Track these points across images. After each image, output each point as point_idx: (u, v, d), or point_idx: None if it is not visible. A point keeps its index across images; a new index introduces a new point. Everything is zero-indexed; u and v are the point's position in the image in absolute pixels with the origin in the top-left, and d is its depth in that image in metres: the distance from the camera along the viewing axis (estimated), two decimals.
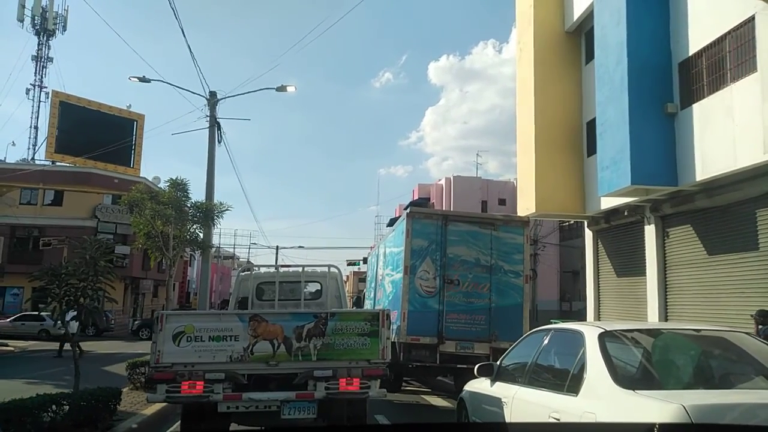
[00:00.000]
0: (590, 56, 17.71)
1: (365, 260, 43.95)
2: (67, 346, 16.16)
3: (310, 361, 5.90)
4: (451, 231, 11.08)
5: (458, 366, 10.45)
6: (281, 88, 14.64)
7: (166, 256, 10.58)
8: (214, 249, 67.84)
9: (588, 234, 19.09)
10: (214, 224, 11.50)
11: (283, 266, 10.49)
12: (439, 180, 44.55)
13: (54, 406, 5.44)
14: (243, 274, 10.05)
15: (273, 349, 5.89)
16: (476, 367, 5.84)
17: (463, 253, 10.97)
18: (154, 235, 10.28)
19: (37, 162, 40.67)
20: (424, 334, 10.51)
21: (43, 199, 36.56)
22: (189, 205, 10.95)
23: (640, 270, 15.94)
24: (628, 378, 3.78)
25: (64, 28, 48.39)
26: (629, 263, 16.71)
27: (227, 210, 11.44)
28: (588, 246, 19.11)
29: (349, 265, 41.77)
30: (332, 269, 9.26)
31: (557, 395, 4.19)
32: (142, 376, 9.48)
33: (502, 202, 42.08)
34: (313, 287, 9.50)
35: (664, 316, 14.69)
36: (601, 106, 14.71)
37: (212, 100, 14.31)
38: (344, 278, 12.23)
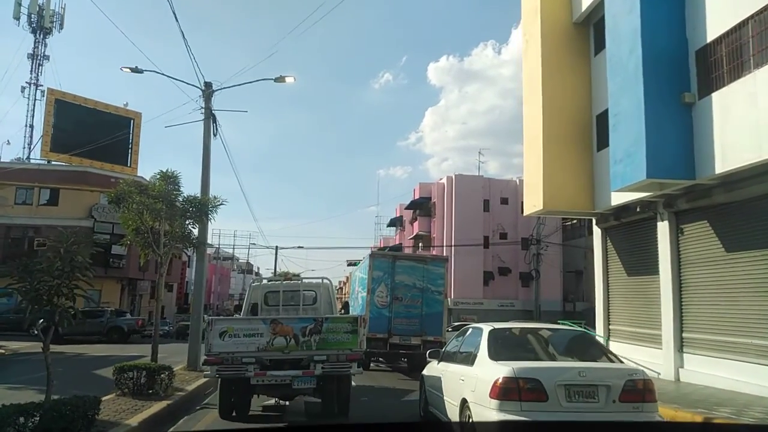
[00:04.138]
0: (599, 47, 17.12)
1: None
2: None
3: (311, 350, 8.23)
4: (398, 265, 16.24)
5: (400, 351, 15.77)
6: (279, 79, 14.00)
7: (156, 254, 9.95)
8: (213, 250, 65.72)
9: (596, 232, 18.47)
10: (208, 219, 10.88)
11: (285, 279, 12.90)
12: (441, 179, 43.90)
13: (22, 418, 4.84)
14: (254, 284, 12.49)
15: (286, 342, 8.21)
16: (428, 352, 8.82)
17: (405, 280, 16.01)
18: (143, 230, 9.65)
19: (32, 161, 40.04)
20: (379, 331, 15.39)
21: (39, 198, 35.85)
22: (181, 199, 10.31)
23: (652, 269, 15.33)
24: (496, 354, 6.13)
25: (61, 26, 47.80)
26: (640, 262, 16.09)
27: (221, 204, 10.81)
28: (596, 244, 18.49)
29: (349, 265, 41.20)
30: (324, 281, 11.94)
31: (466, 367, 6.54)
32: (131, 382, 8.85)
33: (504, 201, 41.45)
34: (309, 295, 11.48)
35: (679, 315, 14.09)
36: (613, 96, 14.11)
37: (207, 91, 13.68)
38: (345, 278, 21.18)
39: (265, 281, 12.85)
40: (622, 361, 6.42)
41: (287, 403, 9.59)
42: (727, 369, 12.22)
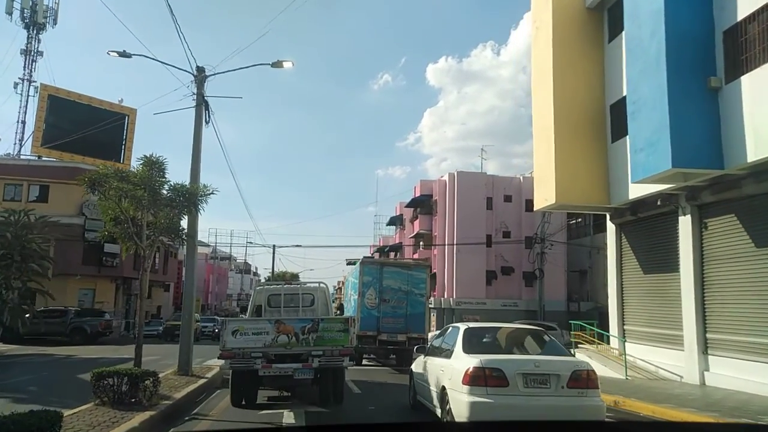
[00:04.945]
0: (614, 33, 16.30)
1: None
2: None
3: (309, 346, 9.30)
4: (385, 271, 17.86)
5: (388, 347, 17.39)
6: (277, 64, 13.10)
7: (138, 246, 9.02)
8: (211, 249, 64.23)
9: (610, 228, 17.62)
10: (197, 210, 9.97)
11: (285, 283, 14.61)
12: (442, 176, 42.93)
13: None
14: (258, 288, 13.67)
15: (288, 340, 9.26)
16: (415, 348, 10.37)
17: (391, 284, 17.61)
18: (123, 220, 8.72)
19: (23, 157, 39.02)
20: (369, 329, 17.02)
21: (28, 195, 34.81)
22: (167, 187, 9.38)
23: (672, 266, 14.49)
24: (469, 349, 7.09)
25: (55, 22, 46.76)
26: (659, 259, 15.23)
27: (212, 194, 9.89)
28: (610, 241, 17.64)
29: (348, 264, 40.21)
30: (321, 285, 13.09)
31: (445, 360, 7.48)
32: (111, 390, 7.93)
33: (507, 198, 40.51)
34: (308, 298, 12.42)
35: (702, 315, 13.25)
36: (632, 82, 13.25)
37: (200, 76, 12.74)
38: (344, 278, 21.41)
39: (267, 286, 13.95)
40: (573, 356, 7.61)
41: (289, 393, 10.82)
42: (758, 372, 11.38)
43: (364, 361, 18.06)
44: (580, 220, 41.61)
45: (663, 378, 14.12)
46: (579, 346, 17.61)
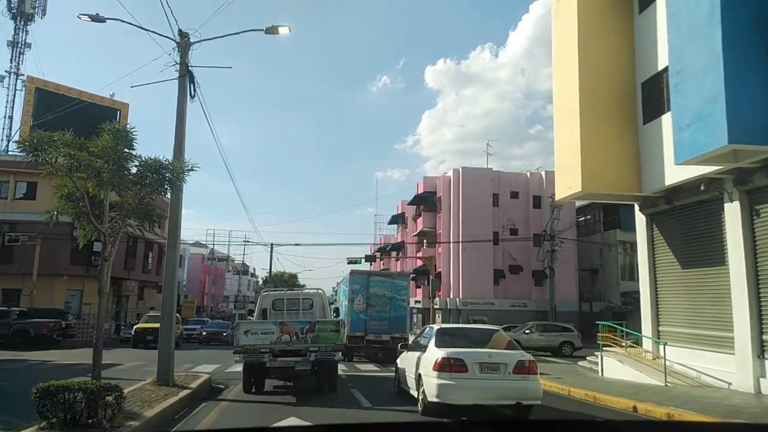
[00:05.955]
0: (646, 2, 14.74)
1: (366, 258, 42.17)
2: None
3: (308, 343, 11.14)
4: (372, 280, 20.68)
5: (374, 345, 19.70)
6: (271, 29, 11.47)
7: (98, 230, 7.43)
8: (208, 251, 62.05)
9: (640, 219, 16.03)
10: (174, 188, 8.37)
11: (289, 290, 17.39)
12: (446, 172, 41.32)
13: None
14: (264, 294, 15.36)
15: (290, 338, 11.12)
16: (399, 345, 12.82)
17: (377, 291, 20.21)
18: (77, 197, 7.09)
19: (10, 153, 37.39)
20: (358, 330, 19.62)
21: (15, 192, 33.20)
22: (137, 163, 7.78)
23: (717, 259, 12.91)
24: (440, 344, 8.97)
25: (44, 13, 45.25)
26: (701, 251, 13.64)
27: (192, 170, 8.33)
28: (640, 233, 16.04)
29: (349, 263, 38.61)
30: (319, 291, 14.88)
31: (421, 353, 9.35)
32: (63, 409, 6.30)
33: (514, 195, 38.91)
34: (307, 302, 13.93)
35: (757, 314, 11.67)
36: (676, 50, 11.65)
37: (183, 42, 11.13)
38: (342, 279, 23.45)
39: (272, 292, 15.95)
40: (520, 350, 9.12)
41: (291, 383, 12.52)
42: None
43: (356, 364, 19.08)
44: (589, 217, 40.05)
45: (708, 385, 12.54)
46: (606, 348, 15.95)
